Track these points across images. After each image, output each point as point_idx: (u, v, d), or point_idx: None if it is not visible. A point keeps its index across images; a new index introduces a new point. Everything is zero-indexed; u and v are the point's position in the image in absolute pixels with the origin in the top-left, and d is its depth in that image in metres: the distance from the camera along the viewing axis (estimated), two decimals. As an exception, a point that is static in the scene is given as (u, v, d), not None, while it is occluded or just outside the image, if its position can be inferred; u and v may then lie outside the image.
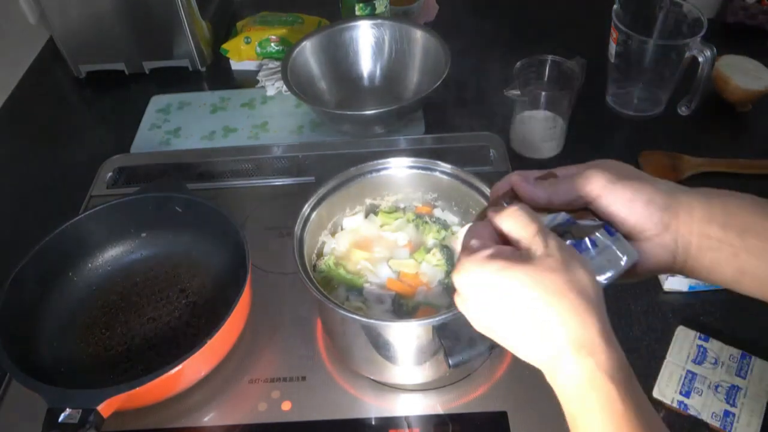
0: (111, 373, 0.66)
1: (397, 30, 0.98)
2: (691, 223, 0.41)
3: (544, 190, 0.44)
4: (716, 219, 0.41)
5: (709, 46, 0.83)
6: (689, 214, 0.41)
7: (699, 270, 0.43)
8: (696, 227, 0.41)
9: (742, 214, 0.41)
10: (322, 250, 0.68)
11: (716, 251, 0.41)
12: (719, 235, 0.41)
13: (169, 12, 0.99)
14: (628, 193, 0.42)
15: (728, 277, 0.42)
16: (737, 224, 0.40)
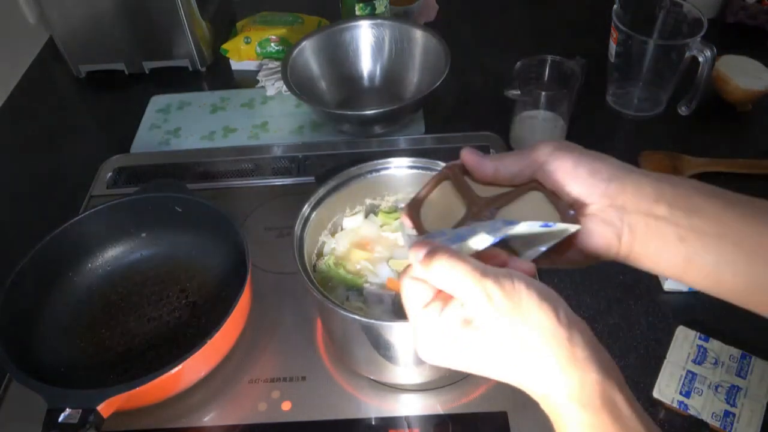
0: (111, 373, 0.66)
1: (397, 30, 0.98)
2: (638, 201, 0.39)
3: (491, 162, 0.42)
4: (665, 198, 0.39)
5: (709, 46, 0.83)
6: (637, 190, 0.39)
7: (645, 257, 0.40)
8: (643, 205, 0.39)
9: (691, 196, 0.39)
10: (322, 250, 0.68)
11: (663, 236, 0.39)
12: (666, 214, 0.38)
13: (169, 12, 0.99)
14: (572, 159, 0.40)
15: (674, 266, 0.40)
16: (685, 205, 0.38)
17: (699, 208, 0.38)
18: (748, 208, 0.38)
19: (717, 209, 0.38)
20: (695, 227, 0.38)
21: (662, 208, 0.39)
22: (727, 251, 0.38)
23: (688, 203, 0.38)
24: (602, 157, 0.41)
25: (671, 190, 0.39)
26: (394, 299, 0.63)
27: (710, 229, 0.38)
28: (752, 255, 0.37)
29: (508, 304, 0.35)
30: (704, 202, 0.38)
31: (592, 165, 0.40)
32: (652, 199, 0.39)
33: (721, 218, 0.38)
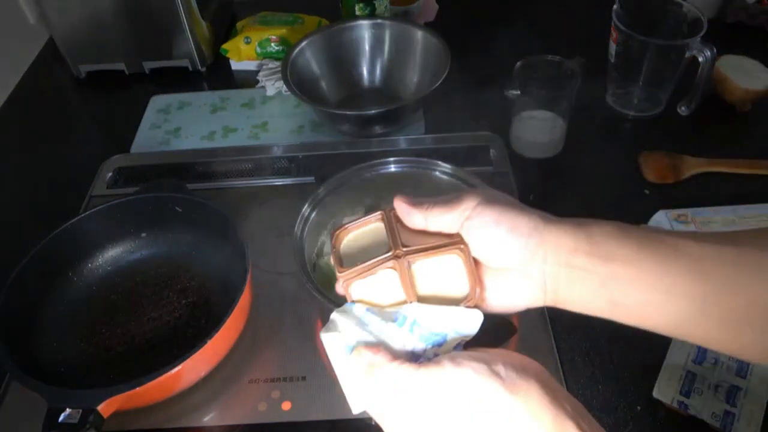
0: (111, 373, 0.66)
1: (397, 30, 0.98)
2: (557, 253, 0.40)
3: (420, 213, 0.43)
4: (581, 248, 0.40)
5: (709, 46, 0.83)
6: (556, 242, 0.40)
7: (572, 303, 0.41)
8: (563, 257, 0.40)
9: (606, 242, 0.40)
10: (322, 250, 0.68)
11: (584, 282, 0.40)
12: (584, 263, 0.39)
13: (169, 12, 0.99)
14: (494, 216, 0.41)
15: (602, 308, 0.40)
16: (600, 252, 0.39)
17: (613, 253, 0.39)
18: (660, 248, 0.39)
19: (630, 253, 0.39)
20: (612, 273, 0.39)
21: (580, 258, 0.40)
22: (646, 292, 0.39)
23: (603, 250, 0.39)
24: (524, 212, 0.41)
25: (587, 239, 0.40)
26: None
27: (626, 273, 0.39)
28: (668, 294, 0.38)
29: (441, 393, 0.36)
30: (618, 248, 0.39)
31: (513, 221, 0.41)
32: (570, 250, 0.40)
33: (634, 262, 0.39)
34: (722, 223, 0.72)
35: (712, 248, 0.38)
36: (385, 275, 0.42)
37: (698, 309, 0.38)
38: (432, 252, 0.42)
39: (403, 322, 0.40)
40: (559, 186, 0.84)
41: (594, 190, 0.83)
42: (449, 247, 0.42)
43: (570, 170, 0.86)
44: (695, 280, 0.38)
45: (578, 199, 0.81)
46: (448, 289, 0.42)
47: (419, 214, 0.43)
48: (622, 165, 0.86)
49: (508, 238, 0.40)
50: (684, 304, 0.38)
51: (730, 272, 0.38)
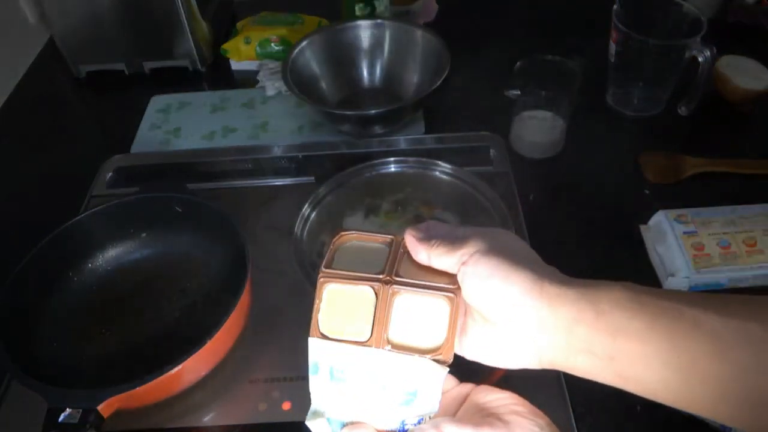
0: (111, 373, 0.66)
1: (397, 30, 0.98)
2: (557, 321, 0.37)
3: (425, 251, 0.41)
4: (585, 319, 0.36)
5: (709, 46, 0.83)
6: (555, 312, 0.37)
7: (575, 371, 0.38)
8: (563, 327, 0.37)
9: (613, 313, 0.36)
10: (322, 250, 0.68)
11: (587, 355, 0.37)
12: (588, 337, 0.36)
13: (169, 12, 0.99)
14: (489, 267, 0.38)
15: (611, 380, 0.37)
16: (607, 326, 0.36)
17: (623, 327, 0.36)
18: (677, 323, 0.35)
19: (642, 328, 0.36)
20: (620, 348, 0.36)
21: (582, 329, 0.36)
22: (659, 371, 0.36)
23: (610, 323, 0.36)
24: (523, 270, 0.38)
25: (592, 308, 0.36)
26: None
27: (636, 349, 0.36)
28: (685, 374, 0.35)
29: None
30: (628, 320, 0.36)
31: (507, 279, 0.37)
32: (572, 320, 0.36)
33: (646, 339, 0.35)
34: (722, 223, 0.72)
35: (735, 324, 0.34)
36: (364, 293, 0.40)
37: (717, 391, 0.35)
38: (420, 290, 0.40)
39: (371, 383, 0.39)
40: (559, 186, 0.84)
41: (594, 190, 0.83)
42: (440, 291, 0.40)
43: (570, 170, 0.86)
44: (715, 360, 0.35)
45: (578, 199, 0.81)
46: (421, 334, 0.40)
47: (424, 251, 0.41)
48: (622, 165, 0.86)
49: (497, 295, 0.38)
50: (702, 385, 0.35)
51: (754, 352, 0.34)
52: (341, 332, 0.41)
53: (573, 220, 0.79)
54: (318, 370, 0.41)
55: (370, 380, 0.39)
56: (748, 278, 0.69)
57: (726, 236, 0.71)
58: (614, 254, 0.75)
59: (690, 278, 0.69)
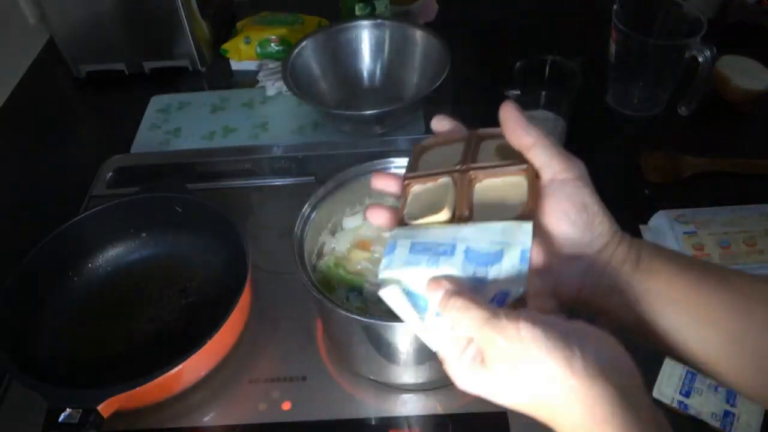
0: (111, 373, 0.66)
1: (397, 30, 0.98)
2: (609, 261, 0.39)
3: (531, 138, 0.40)
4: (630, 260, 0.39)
5: (709, 46, 0.83)
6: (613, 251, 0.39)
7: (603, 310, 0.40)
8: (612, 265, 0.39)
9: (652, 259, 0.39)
10: (322, 250, 0.68)
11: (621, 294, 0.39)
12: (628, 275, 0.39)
13: (169, 12, 0.99)
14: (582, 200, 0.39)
15: (629, 325, 0.39)
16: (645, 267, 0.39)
17: (657, 271, 0.38)
18: (707, 275, 0.38)
19: (673, 274, 0.38)
20: (649, 288, 0.38)
21: (626, 269, 0.39)
22: (678, 317, 0.37)
23: (648, 265, 0.39)
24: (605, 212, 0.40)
25: (636, 253, 0.39)
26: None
27: (663, 291, 0.38)
28: (703, 323, 0.37)
29: (510, 352, 0.34)
30: (663, 265, 0.38)
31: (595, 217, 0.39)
32: (620, 260, 0.39)
33: (674, 283, 0.38)
34: (722, 223, 0.72)
35: (760, 286, 0.36)
36: (444, 185, 0.41)
37: (729, 343, 0.36)
38: (496, 170, 0.41)
39: (452, 251, 0.37)
40: (559, 186, 0.84)
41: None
42: (515, 167, 0.40)
43: (570, 170, 0.86)
44: (734, 314, 0.36)
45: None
46: (502, 208, 0.39)
47: (529, 136, 0.40)
48: (622, 165, 0.86)
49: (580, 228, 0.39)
50: (718, 337, 0.36)
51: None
52: (424, 218, 0.40)
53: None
54: (395, 248, 0.39)
55: (454, 256, 0.37)
56: (748, 278, 0.69)
57: (726, 236, 0.71)
58: (614, 254, 0.75)
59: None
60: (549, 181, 0.40)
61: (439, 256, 0.37)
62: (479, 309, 0.34)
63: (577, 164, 0.40)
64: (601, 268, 0.39)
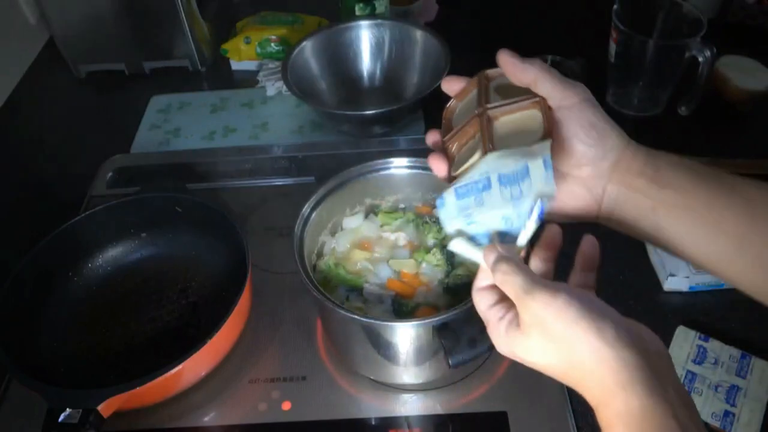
0: (111, 373, 0.66)
1: (397, 30, 0.98)
2: (623, 174, 0.43)
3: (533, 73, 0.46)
4: (646, 173, 0.42)
5: (709, 46, 0.83)
6: (628, 165, 0.43)
7: (621, 224, 0.44)
8: (627, 178, 0.42)
9: (667, 171, 0.42)
10: (322, 250, 0.68)
11: (638, 205, 0.42)
12: (644, 188, 0.42)
13: (169, 12, 0.99)
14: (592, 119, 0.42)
15: (647, 234, 0.43)
16: (661, 179, 0.42)
17: (671, 181, 0.41)
18: (716, 184, 0.41)
19: (686, 183, 0.41)
20: (664, 199, 0.41)
21: (641, 181, 0.42)
22: (691, 223, 0.41)
23: (662, 177, 0.42)
24: (613, 127, 0.43)
25: (653, 165, 0.42)
26: (394, 299, 0.63)
27: (677, 200, 0.41)
28: (712, 228, 0.40)
29: (546, 319, 0.37)
30: (676, 177, 0.41)
31: (604, 133, 0.42)
32: (636, 174, 0.42)
33: (688, 191, 0.41)
34: (722, 223, 0.72)
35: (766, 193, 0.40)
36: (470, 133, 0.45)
37: (737, 247, 0.40)
38: (511, 106, 0.45)
39: (488, 184, 0.42)
40: (559, 186, 0.84)
41: (594, 190, 0.83)
42: (528, 101, 0.44)
43: (570, 170, 0.86)
44: (741, 219, 0.39)
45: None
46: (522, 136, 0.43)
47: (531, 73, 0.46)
48: (622, 165, 0.86)
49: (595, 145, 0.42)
50: (724, 240, 0.40)
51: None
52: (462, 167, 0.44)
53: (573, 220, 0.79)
54: (444, 200, 0.44)
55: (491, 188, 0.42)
56: (748, 278, 0.69)
57: (726, 236, 0.71)
58: (614, 254, 0.75)
59: (690, 278, 0.69)
60: (556, 108, 0.43)
61: (481, 193, 0.42)
62: (522, 276, 0.39)
63: (578, 89, 0.43)
64: (618, 179, 0.43)
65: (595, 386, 0.36)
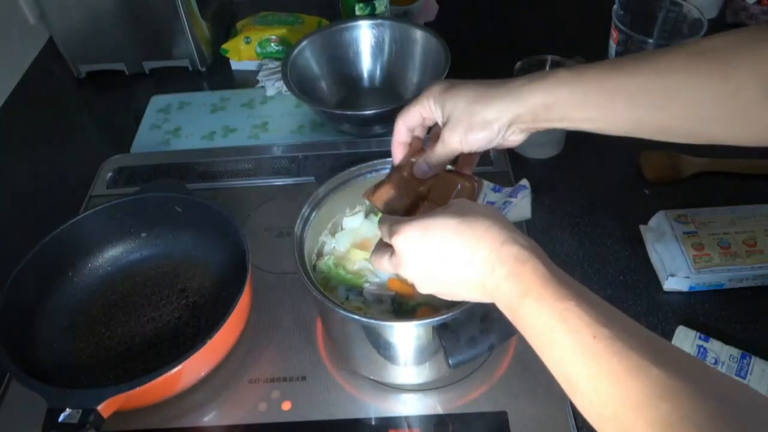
0: (111, 373, 0.66)
1: (397, 30, 0.98)
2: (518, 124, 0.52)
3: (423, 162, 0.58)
4: (540, 116, 0.51)
5: (709, 46, 0.83)
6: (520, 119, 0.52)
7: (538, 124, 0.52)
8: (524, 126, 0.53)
9: (560, 107, 0.50)
10: (322, 250, 0.68)
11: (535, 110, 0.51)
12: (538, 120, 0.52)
13: (169, 12, 0.99)
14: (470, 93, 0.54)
15: (550, 123, 0.51)
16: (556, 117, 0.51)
17: (568, 117, 0.50)
18: (602, 88, 0.49)
19: (585, 116, 0.50)
20: (569, 126, 0.51)
21: (536, 119, 0.52)
22: (585, 110, 0.50)
23: (554, 111, 0.50)
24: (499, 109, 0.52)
25: (543, 109, 0.51)
26: (394, 299, 0.63)
27: (571, 116, 0.50)
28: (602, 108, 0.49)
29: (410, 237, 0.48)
30: (572, 112, 0.50)
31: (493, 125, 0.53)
32: (529, 120, 0.52)
33: (579, 99, 0.49)
34: (722, 223, 0.72)
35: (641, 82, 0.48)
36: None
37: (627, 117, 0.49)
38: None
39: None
40: (559, 186, 0.84)
41: (594, 190, 0.83)
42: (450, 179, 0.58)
43: (570, 170, 0.86)
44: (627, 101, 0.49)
45: (578, 199, 0.82)
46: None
47: (423, 163, 0.58)
48: (622, 165, 0.86)
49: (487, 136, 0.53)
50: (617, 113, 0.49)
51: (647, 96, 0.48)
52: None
53: (573, 220, 0.79)
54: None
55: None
56: (748, 278, 0.69)
57: (726, 236, 0.71)
58: (614, 254, 0.75)
59: (690, 278, 0.69)
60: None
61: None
62: (390, 220, 0.50)
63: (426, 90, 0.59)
64: (515, 128, 0.53)
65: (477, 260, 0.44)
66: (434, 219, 0.46)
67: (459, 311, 0.54)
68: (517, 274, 0.42)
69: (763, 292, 0.70)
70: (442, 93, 0.56)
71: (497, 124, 0.52)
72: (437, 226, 0.46)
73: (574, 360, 0.37)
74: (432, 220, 0.46)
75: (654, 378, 0.33)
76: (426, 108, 0.58)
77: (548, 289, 0.40)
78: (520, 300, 0.41)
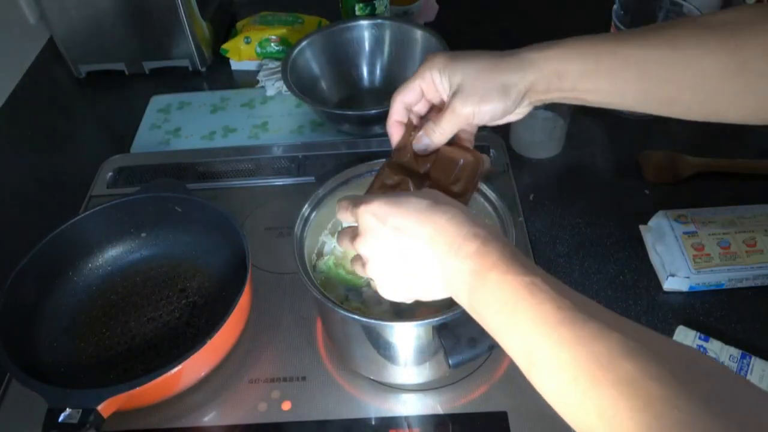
0: (111, 373, 0.66)
1: (397, 30, 0.98)
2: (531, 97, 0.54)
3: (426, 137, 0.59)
4: (553, 87, 0.52)
5: (709, 46, 0.83)
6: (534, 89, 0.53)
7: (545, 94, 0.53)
8: (539, 98, 0.54)
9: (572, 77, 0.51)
10: (322, 250, 0.68)
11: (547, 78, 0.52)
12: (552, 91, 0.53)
13: (169, 12, 0.99)
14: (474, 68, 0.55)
15: (561, 94, 0.52)
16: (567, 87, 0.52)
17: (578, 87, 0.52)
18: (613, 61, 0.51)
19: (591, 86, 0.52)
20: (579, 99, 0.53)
21: (553, 95, 0.53)
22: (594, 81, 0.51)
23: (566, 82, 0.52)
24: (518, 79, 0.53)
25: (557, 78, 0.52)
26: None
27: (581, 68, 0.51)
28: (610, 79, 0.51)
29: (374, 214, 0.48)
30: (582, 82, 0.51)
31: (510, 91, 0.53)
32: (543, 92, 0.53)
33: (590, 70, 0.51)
34: (722, 223, 0.72)
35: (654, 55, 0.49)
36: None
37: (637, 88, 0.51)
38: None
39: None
40: (559, 186, 0.84)
41: (594, 190, 0.83)
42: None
43: (570, 170, 0.86)
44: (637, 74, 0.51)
45: (578, 200, 0.81)
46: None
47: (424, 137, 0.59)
48: (622, 165, 0.86)
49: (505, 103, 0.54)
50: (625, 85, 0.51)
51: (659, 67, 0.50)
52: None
53: (573, 220, 0.79)
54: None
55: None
56: (749, 278, 0.69)
57: (726, 236, 0.71)
58: (614, 254, 0.75)
59: (690, 278, 0.69)
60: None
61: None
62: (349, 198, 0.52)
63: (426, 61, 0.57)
64: (529, 98, 0.54)
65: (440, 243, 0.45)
66: (407, 197, 0.47)
67: (459, 311, 0.54)
68: (483, 254, 0.43)
69: (763, 292, 0.70)
70: (448, 62, 0.54)
71: (515, 92, 0.52)
72: (410, 203, 0.47)
73: (538, 329, 0.38)
74: (405, 198, 0.47)
75: (615, 340, 0.35)
76: (428, 80, 0.56)
77: (515, 264, 0.41)
78: (486, 274, 0.42)
